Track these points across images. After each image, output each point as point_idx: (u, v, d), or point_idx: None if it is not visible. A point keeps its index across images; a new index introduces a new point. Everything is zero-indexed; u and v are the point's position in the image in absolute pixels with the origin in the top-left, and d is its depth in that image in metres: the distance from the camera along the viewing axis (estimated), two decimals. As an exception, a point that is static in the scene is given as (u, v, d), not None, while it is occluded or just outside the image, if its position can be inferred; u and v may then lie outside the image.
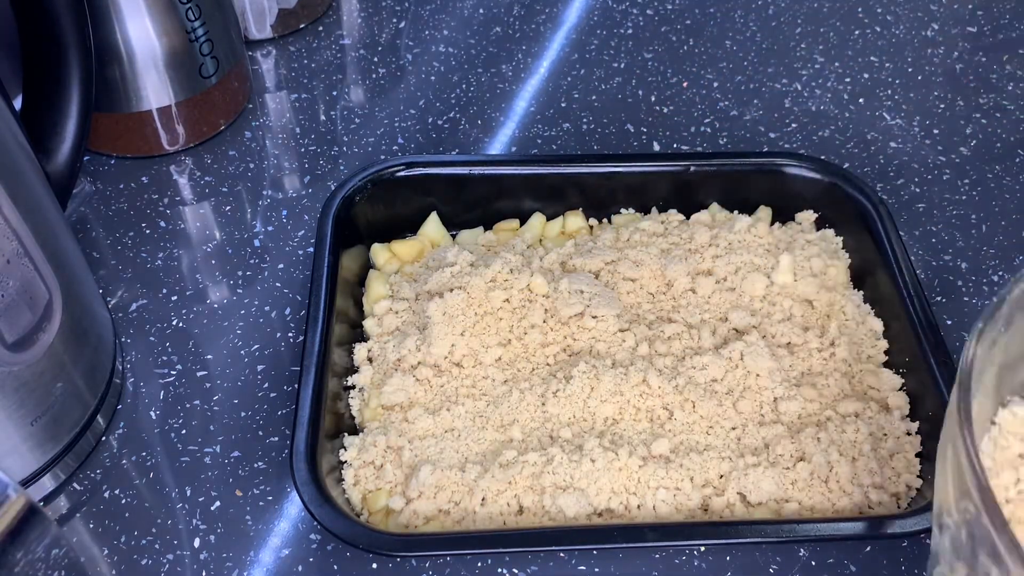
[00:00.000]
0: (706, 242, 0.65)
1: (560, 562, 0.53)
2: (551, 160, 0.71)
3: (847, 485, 0.53)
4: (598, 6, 0.91)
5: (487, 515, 0.53)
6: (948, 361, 0.56)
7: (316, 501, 0.50)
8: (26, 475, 0.54)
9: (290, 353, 0.63)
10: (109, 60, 0.69)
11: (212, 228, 0.71)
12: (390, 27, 0.89)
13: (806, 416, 0.56)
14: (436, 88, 0.83)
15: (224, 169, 0.75)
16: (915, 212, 0.72)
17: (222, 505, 0.56)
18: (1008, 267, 0.68)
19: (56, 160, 0.60)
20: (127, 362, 0.62)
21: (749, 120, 0.79)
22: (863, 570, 0.53)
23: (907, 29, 0.88)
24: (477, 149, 0.77)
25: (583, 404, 0.56)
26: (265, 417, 0.60)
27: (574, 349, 0.60)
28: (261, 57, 0.85)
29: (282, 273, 0.68)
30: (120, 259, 0.69)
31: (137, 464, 0.58)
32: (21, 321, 0.49)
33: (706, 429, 0.56)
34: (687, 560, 0.53)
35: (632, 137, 0.78)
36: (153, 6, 0.68)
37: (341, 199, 0.65)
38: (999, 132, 0.78)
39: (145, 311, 0.65)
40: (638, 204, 0.69)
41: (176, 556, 0.54)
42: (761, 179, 0.68)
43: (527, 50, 0.86)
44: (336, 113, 0.80)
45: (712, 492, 0.54)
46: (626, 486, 0.53)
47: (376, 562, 0.53)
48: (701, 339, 0.60)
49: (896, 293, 0.61)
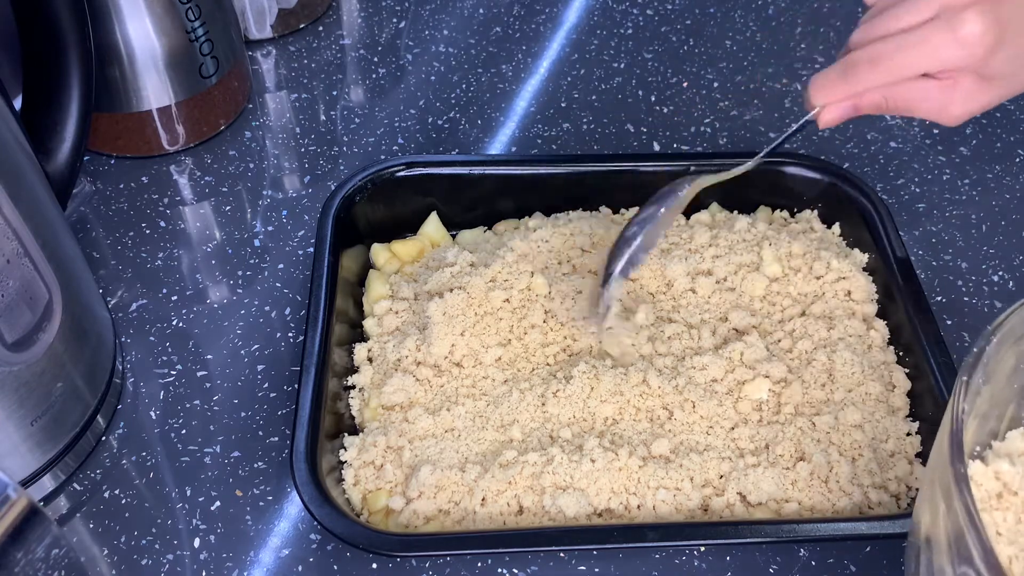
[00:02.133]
0: (706, 242, 0.65)
1: (560, 562, 0.53)
2: (551, 160, 0.71)
3: (847, 485, 0.53)
4: (598, 6, 0.91)
5: (487, 515, 0.53)
6: (948, 361, 0.56)
7: (316, 501, 0.50)
8: (26, 475, 0.54)
9: (290, 353, 0.63)
10: (109, 60, 0.69)
11: (212, 228, 0.71)
12: (390, 27, 0.89)
13: (806, 416, 0.56)
14: (436, 88, 0.83)
15: (224, 169, 0.75)
16: (915, 212, 0.72)
17: (222, 505, 0.56)
18: (1008, 267, 0.68)
19: (56, 160, 0.60)
20: (127, 362, 0.62)
21: (749, 120, 0.79)
22: (863, 570, 0.53)
23: (907, 29, 0.88)
24: (477, 149, 0.77)
25: (583, 404, 0.56)
26: (265, 417, 0.60)
27: (574, 349, 0.60)
28: (261, 57, 0.85)
29: (282, 273, 0.68)
30: (120, 259, 0.69)
31: (137, 464, 0.58)
32: (21, 321, 0.49)
33: (706, 429, 0.56)
34: (687, 560, 0.53)
35: (632, 137, 0.78)
36: (153, 6, 0.68)
37: (341, 199, 0.65)
38: (999, 132, 0.78)
39: (145, 311, 0.65)
40: (638, 204, 0.68)
41: (176, 556, 0.54)
42: (761, 179, 0.68)
43: (527, 50, 0.86)
44: (336, 113, 0.80)
45: (712, 492, 0.54)
46: (626, 486, 0.53)
47: (376, 562, 0.53)
48: (701, 339, 0.60)
49: (896, 293, 0.61)
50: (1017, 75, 0.51)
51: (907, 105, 0.52)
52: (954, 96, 0.51)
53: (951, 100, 0.51)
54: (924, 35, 0.49)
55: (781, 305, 0.62)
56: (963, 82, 0.50)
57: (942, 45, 0.49)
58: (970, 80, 0.50)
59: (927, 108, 0.52)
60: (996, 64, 0.49)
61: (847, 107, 0.53)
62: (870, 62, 0.51)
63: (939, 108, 0.51)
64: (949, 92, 0.50)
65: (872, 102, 0.53)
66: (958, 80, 0.50)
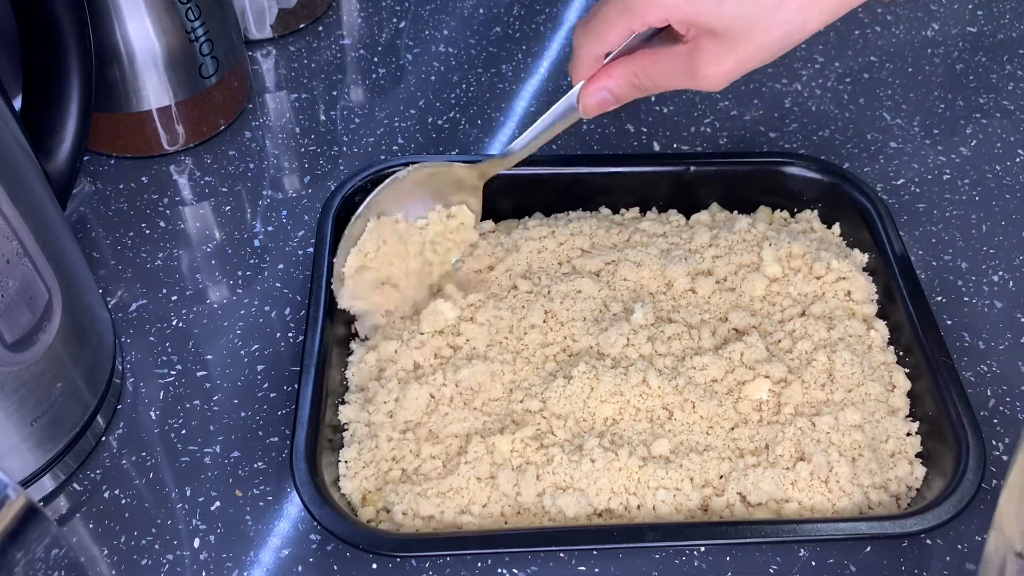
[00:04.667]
0: (706, 242, 0.65)
1: (560, 562, 0.53)
2: (551, 160, 0.71)
3: (847, 485, 0.53)
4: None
5: (487, 515, 0.53)
6: (948, 361, 0.56)
7: (316, 501, 0.50)
8: (26, 475, 0.54)
9: (290, 353, 0.63)
10: (109, 60, 0.69)
11: (212, 228, 0.71)
12: (390, 27, 0.89)
13: (806, 416, 0.56)
14: (436, 88, 0.83)
15: (224, 169, 0.75)
16: (915, 212, 0.72)
17: (222, 505, 0.56)
18: (1008, 267, 0.68)
19: (56, 160, 0.60)
20: (127, 362, 0.62)
21: (749, 120, 0.79)
22: (863, 570, 0.53)
23: (907, 29, 0.88)
24: (477, 149, 0.77)
25: (583, 404, 0.56)
26: (265, 417, 0.60)
27: (574, 350, 0.60)
28: (261, 57, 0.85)
29: (282, 273, 0.68)
30: (120, 259, 0.69)
31: (137, 464, 0.58)
32: (21, 321, 0.49)
33: (706, 429, 0.56)
34: (687, 560, 0.53)
35: (632, 137, 0.78)
36: (153, 6, 0.68)
37: (341, 199, 0.65)
38: (999, 132, 0.78)
39: (145, 311, 0.65)
40: (638, 204, 0.69)
41: (176, 556, 0.54)
42: (761, 179, 0.68)
43: (527, 50, 0.86)
44: (336, 113, 0.80)
45: (712, 492, 0.54)
46: (626, 486, 0.53)
47: (376, 562, 0.53)
48: (701, 339, 0.60)
49: (896, 293, 0.61)
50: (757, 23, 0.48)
51: (660, 81, 0.51)
52: (698, 58, 0.49)
53: (697, 63, 0.49)
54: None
55: (781, 305, 0.62)
56: (702, 44, 0.49)
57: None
58: (708, 42, 0.49)
59: (679, 79, 0.50)
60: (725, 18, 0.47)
61: (602, 91, 0.53)
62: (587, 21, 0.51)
63: (690, 73, 0.50)
64: (693, 57, 0.49)
65: (624, 81, 0.52)
66: (697, 42, 0.49)
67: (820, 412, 0.56)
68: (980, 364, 0.62)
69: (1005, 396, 0.61)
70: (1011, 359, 0.62)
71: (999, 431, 0.59)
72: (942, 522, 0.50)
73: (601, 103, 0.54)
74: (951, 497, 0.51)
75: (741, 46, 0.49)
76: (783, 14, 0.48)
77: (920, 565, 0.53)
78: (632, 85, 0.52)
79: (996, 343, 0.63)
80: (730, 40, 0.48)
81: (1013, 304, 0.66)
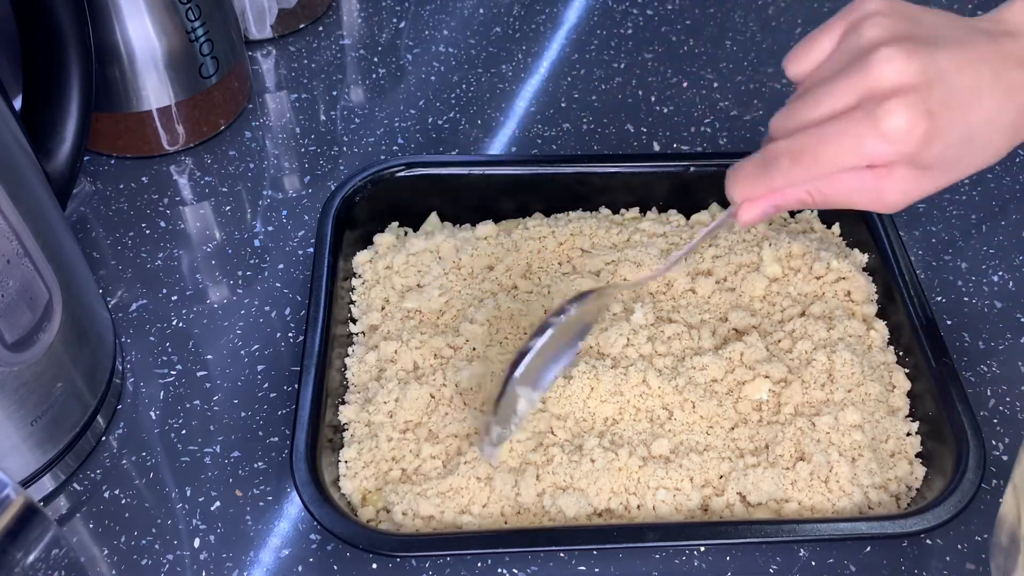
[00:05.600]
0: (706, 242, 0.65)
1: (560, 562, 0.53)
2: (551, 160, 0.71)
3: (847, 485, 0.53)
4: (598, 6, 0.91)
5: (487, 515, 0.53)
6: (948, 361, 0.56)
7: (316, 501, 0.50)
8: (26, 475, 0.54)
9: (290, 353, 0.63)
10: (109, 60, 0.69)
11: (212, 228, 0.71)
12: (390, 27, 0.89)
13: (806, 416, 0.56)
14: (436, 88, 0.83)
15: (224, 169, 0.75)
16: (915, 212, 0.72)
17: (222, 505, 0.56)
18: (1008, 267, 0.68)
19: (56, 160, 0.60)
20: (127, 362, 0.62)
21: (749, 120, 0.79)
22: (863, 570, 0.53)
23: (907, 29, 0.88)
24: (477, 149, 0.77)
25: (583, 404, 0.56)
26: (265, 417, 0.60)
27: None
28: (261, 57, 0.85)
29: (282, 273, 0.68)
30: (120, 259, 0.69)
31: (137, 464, 0.58)
32: (21, 321, 0.49)
33: (706, 429, 0.56)
34: (687, 560, 0.53)
35: (632, 137, 0.78)
36: (153, 6, 0.68)
37: (341, 199, 0.65)
38: (999, 132, 0.78)
39: (145, 311, 0.65)
40: (638, 204, 0.69)
41: (176, 556, 0.54)
42: (761, 179, 0.68)
43: (527, 50, 0.86)
44: (336, 113, 0.80)
45: (712, 492, 0.54)
46: (626, 486, 0.53)
47: (376, 562, 0.53)
48: (701, 339, 0.60)
49: (896, 293, 0.61)
50: (961, 161, 0.45)
51: (836, 199, 0.46)
52: (888, 186, 0.45)
53: (885, 190, 0.45)
54: (845, 127, 0.43)
55: (781, 305, 0.62)
56: (896, 172, 0.45)
57: (865, 139, 0.43)
58: (904, 170, 0.44)
59: (859, 200, 0.46)
60: (931, 155, 0.44)
61: (767, 205, 0.48)
62: (790, 156, 0.45)
63: (873, 199, 0.46)
64: (882, 182, 0.45)
65: (796, 198, 0.47)
66: (891, 169, 0.44)
67: (820, 412, 0.56)
68: (980, 364, 0.62)
69: (1005, 396, 0.61)
70: (1011, 359, 0.62)
71: (999, 431, 0.59)
72: (942, 522, 0.50)
73: (764, 216, 0.49)
74: (951, 497, 0.51)
75: (936, 179, 0.46)
76: (986, 155, 0.46)
77: (920, 565, 0.53)
78: (801, 201, 0.47)
79: (996, 343, 0.63)
80: (928, 172, 0.45)
81: (1013, 304, 0.66)
